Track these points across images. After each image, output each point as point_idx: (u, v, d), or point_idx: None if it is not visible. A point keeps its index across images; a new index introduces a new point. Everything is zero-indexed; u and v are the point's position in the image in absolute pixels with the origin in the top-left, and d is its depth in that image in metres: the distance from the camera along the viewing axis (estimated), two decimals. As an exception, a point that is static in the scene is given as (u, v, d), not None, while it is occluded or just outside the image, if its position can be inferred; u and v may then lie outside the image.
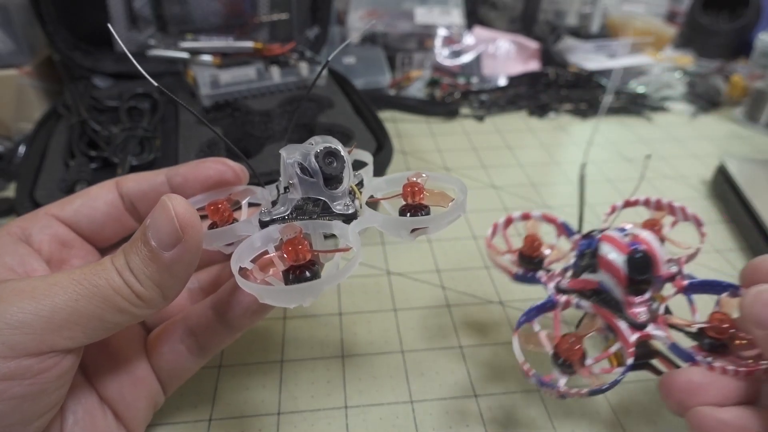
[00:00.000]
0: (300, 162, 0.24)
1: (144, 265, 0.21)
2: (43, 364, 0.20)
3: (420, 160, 0.57)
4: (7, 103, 0.55)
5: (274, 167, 0.44)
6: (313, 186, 0.24)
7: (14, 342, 0.19)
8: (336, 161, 0.24)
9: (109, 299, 0.21)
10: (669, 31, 0.85)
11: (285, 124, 0.54)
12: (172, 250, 0.21)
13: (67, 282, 0.20)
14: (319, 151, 0.24)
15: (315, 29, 0.64)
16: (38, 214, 0.26)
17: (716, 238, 0.47)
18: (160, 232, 0.21)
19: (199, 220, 0.22)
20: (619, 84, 0.74)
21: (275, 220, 0.25)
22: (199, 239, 0.22)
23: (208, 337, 0.27)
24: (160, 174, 0.28)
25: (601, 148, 0.61)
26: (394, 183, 0.28)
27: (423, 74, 0.73)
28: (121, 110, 0.50)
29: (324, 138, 0.25)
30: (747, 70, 0.74)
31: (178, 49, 0.54)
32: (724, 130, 0.66)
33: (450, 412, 0.32)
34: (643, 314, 0.27)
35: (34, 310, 0.19)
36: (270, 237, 0.24)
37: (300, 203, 0.25)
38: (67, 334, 0.20)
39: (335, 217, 0.24)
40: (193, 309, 0.27)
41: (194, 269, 0.23)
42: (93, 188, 0.28)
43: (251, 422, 0.31)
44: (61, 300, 0.20)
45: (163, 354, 0.27)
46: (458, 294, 0.40)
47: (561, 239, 0.34)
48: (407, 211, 0.26)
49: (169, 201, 0.21)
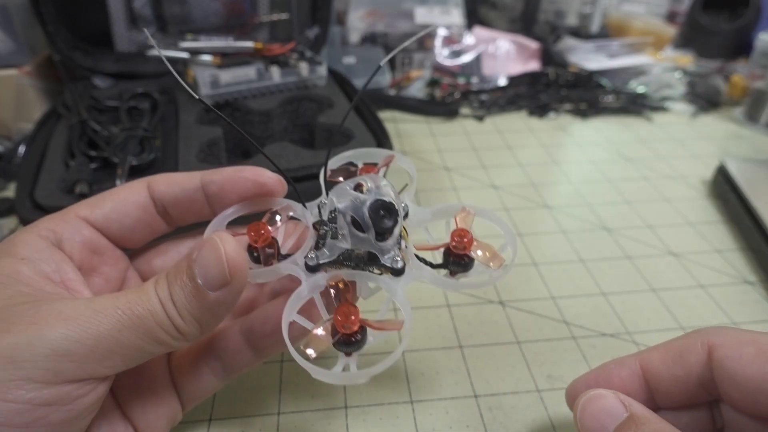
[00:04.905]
0: (352, 216, 0.23)
1: (187, 301, 0.21)
2: (81, 390, 0.20)
3: (420, 160, 0.57)
4: (7, 103, 0.55)
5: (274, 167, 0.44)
6: (364, 240, 0.24)
7: (57, 369, 0.19)
8: (389, 216, 0.23)
9: (150, 331, 0.21)
10: (669, 31, 0.85)
11: (285, 124, 0.54)
12: (218, 291, 0.21)
13: (111, 310, 0.20)
14: (373, 204, 0.23)
15: (315, 29, 0.64)
16: (68, 216, 0.25)
17: (716, 238, 0.47)
18: (208, 272, 0.21)
19: (246, 264, 0.22)
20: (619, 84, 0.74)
21: (321, 264, 0.24)
22: (245, 282, 0.22)
23: (235, 361, 0.27)
24: (195, 179, 0.27)
25: (601, 148, 0.61)
26: (441, 214, 0.27)
27: (423, 74, 0.73)
28: (121, 110, 0.50)
29: (375, 181, 0.24)
30: (747, 70, 0.74)
31: (178, 49, 0.54)
32: (724, 130, 0.66)
33: (450, 412, 0.32)
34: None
35: (79, 339, 0.19)
36: (317, 285, 0.24)
37: (347, 250, 0.24)
38: (108, 363, 0.20)
39: (382, 268, 0.24)
40: (222, 332, 0.27)
41: (235, 307, 0.23)
42: (123, 190, 0.27)
43: (251, 422, 0.31)
44: (105, 329, 0.20)
45: (186, 375, 0.26)
46: (458, 294, 0.40)
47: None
48: (451, 256, 0.25)
49: (220, 243, 0.21)
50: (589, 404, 0.24)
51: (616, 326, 0.38)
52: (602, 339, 0.37)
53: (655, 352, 0.26)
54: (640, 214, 0.50)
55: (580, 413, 0.24)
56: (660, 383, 0.25)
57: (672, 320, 0.39)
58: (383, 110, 0.67)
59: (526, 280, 0.42)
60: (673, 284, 0.42)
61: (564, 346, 0.36)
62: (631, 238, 0.47)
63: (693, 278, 0.43)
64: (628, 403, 0.23)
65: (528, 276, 0.42)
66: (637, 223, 0.49)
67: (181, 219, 0.28)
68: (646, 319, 0.39)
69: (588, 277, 0.42)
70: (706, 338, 0.25)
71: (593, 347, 0.36)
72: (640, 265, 0.44)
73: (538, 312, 0.39)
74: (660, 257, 0.45)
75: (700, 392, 0.25)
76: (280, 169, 0.26)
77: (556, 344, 0.37)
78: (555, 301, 0.40)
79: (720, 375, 0.24)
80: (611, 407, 0.23)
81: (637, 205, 0.52)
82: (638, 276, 0.43)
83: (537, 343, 0.37)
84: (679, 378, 0.25)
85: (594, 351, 0.36)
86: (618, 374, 0.26)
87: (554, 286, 0.41)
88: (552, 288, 0.41)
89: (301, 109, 0.55)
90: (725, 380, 0.23)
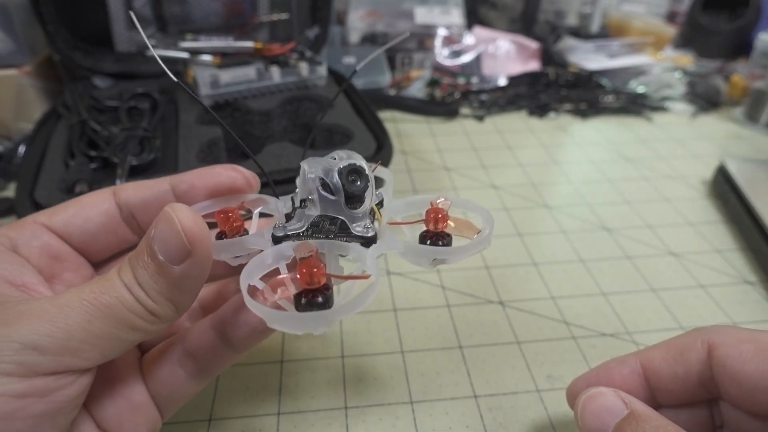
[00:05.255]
0: (322, 178, 0.23)
1: (153, 280, 0.20)
2: (60, 382, 0.19)
3: (420, 160, 0.57)
4: (7, 103, 0.55)
5: (274, 167, 0.44)
6: (334, 204, 0.23)
7: (31, 362, 0.19)
8: (360, 180, 0.23)
9: (122, 318, 0.20)
10: (669, 31, 0.85)
11: (285, 124, 0.54)
12: (182, 264, 0.20)
13: (77, 303, 0.20)
14: (343, 167, 0.23)
15: (315, 29, 0.64)
16: (25, 223, 0.24)
17: (716, 238, 0.47)
18: (167, 246, 0.20)
19: (207, 232, 0.21)
20: (619, 84, 0.74)
21: (289, 236, 0.24)
22: (209, 252, 0.21)
23: (209, 359, 0.25)
24: (164, 182, 0.26)
25: (601, 148, 0.61)
26: (415, 206, 0.27)
27: (423, 74, 0.73)
28: (121, 110, 0.50)
29: (348, 153, 0.24)
30: (747, 70, 0.74)
31: (178, 49, 0.54)
32: (724, 130, 0.66)
33: (450, 412, 0.32)
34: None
35: (49, 333, 0.19)
36: (283, 254, 0.23)
37: (317, 220, 0.24)
38: (84, 355, 0.20)
39: (353, 238, 0.23)
40: (192, 330, 0.26)
41: (206, 280, 0.22)
42: (87, 196, 0.26)
43: (251, 422, 0.31)
44: (74, 322, 0.19)
45: (160, 378, 0.25)
46: (458, 294, 0.40)
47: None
48: (428, 238, 0.25)
49: (173, 213, 0.20)
50: (589, 402, 0.24)
51: (616, 326, 0.38)
52: (602, 339, 0.37)
53: (655, 350, 0.26)
54: (640, 214, 0.50)
55: (580, 411, 0.24)
56: (660, 381, 0.25)
57: (672, 320, 0.39)
58: (383, 110, 0.67)
59: (526, 280, 0.42)
60: (673, 284, 0.42)
61: (564, 346, 0.36)
62: (631, 238, 0.47)
63: (693, 278, 0.43)
64: (628, 400, 0.23)
65: (528, 276, 0.42)
66: (637, 223, 0.49)
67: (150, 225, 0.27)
68: (646, 319, 0.39)
69: (588, 277, 0.42)
70: (706, 337, 0.25)
71: (593, 347, 0.36)
72: (640, 265, 0.44)
73: (538, 312, 0.39)
74: (660, 257, 0.45)
75: (700, 390, 0.25)
76: (257, 162, 0.26)
77: (556, 344, 0.37)
78: (555, 301, 0.40)
79: (720, 373, 0.24)
80: (612, 405, 0.23)
81: (637, 205, 0.52)
82: (638, 276, 0.43)
83: (537, 343, 0.37)
84: (679, 376, 0.25)
85: (594, 351, 0.36)
86: (619, 372, 0.26)
87: (554, 286, 0.41)
88: (552, 288, 0.41)
89: (301, 109, 0.55)
90: (725, 378, 0.23)
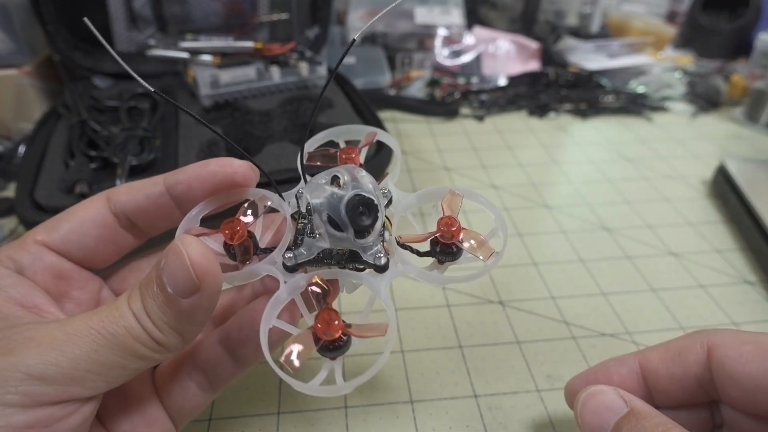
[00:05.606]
0: (329, 215, 0.22)
1: (161, 311, 0.20)
2: (64, 411, 0.19)
3: (420, 160, 0.57)
4: (7, 103, 0.55)
5: (274, 167, 0.44)
6: (343, 240, 0.22)
7: (35, 392, 0.18)
8: (369, 212, 0.22)
9: (129, 347, 0.20)
10: (669, 31, 0.85)
11: (285, 124, 0.54)
12: (190, 297, 0.20)
13: (85, 331, 0.19)
14: (349, 200, 0.22)
15: (315, 29, 0.64)
16: (26, 243, 0.24)
17: (716, 238, 0.47)
18: (175, 279, 0.20)
19: (217, 266, 0.21)
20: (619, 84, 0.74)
21: (301, 263, 0.23)
22: (218, 286, 0.21)
23: (218, 372, 0.25)
24: (158, 183, 0.25)
25: (601, 148, 0.61)
26: (427, 198, 0.26)
27: (423, 74, 0.73)
28: (121, 110, 0.50)
29: (350, 172, 0.22)
30: (747, 70, 0.74)
31: (178, 49, 0.54)
32: (724, 130, 0.66)
33: (450, 412, 0.32)
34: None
35: (55, 362, 0.19)
36: (297, 286, 0.23)
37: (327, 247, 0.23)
38: (89, 384, 0.20)
39: (365, 265, 0.23)
40: (201, 344, 0.26)
41: (213, 312, 0.22)
42: (80, 208, 0.25)
43: (251, 422, 0.31)
44: (81, 351, 0.19)
45: (172, 392, 0.25)
46: (458, 294, 0.40)
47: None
48: (437, 246, 0.24)
49: (182, 247, 0.20)
50: (589, 400, 0.24)
51: (616, 326, 0.38)
52: (602, 339, 0.37)
53: (654, 351, 0.26)
54: (640, 214, 0.50)
55: (580, 409, 0.24)
56: (658, 382, 0.25)
57: (672, 320, 0.39)
58: (383, 110, 0.67)
59: (526, 280, 0.42)
60: (673, 284, 0.42)
61: (564, 346, 0.36)
62: (631, 238, 0.47)
63: (693, 278, 0.43)
64: (628, 398, 0.23)
65: (528, 276, 0.42)
66: (637, 223, 0.49)
67: (151, 228, 0.26)
68: (646, 319, 0.39)
69: (588, 277, 0.42)
70: (706, 338, 0.25)
71: (593, 347, 0.36)
72: (640, 265, 0.44)
73: (538, 312, 0.39)
74: (660, 257, 0.45)
75: (699, 392, 0.25)
76: (249, 158, 0.25)
77: (556, 344, 0.37)
78: (555, 301, 0.40)
79: (719, 374, 0.24)
80: (611, 402, 0.23)
81: (637, 205, 0.52)
82: (638, 276, 0.43)
83: (537, 343, 0.37)
84: (677, 377, 0.25)
85: (594, 351, 0.36)
86: (617, 371, 0.26)
87: (554, 286, 0.41)
88: (552, 288, 0.41)
89: (301, 109, 0.55)
90: (725, 379, 0.23)
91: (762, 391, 0.22)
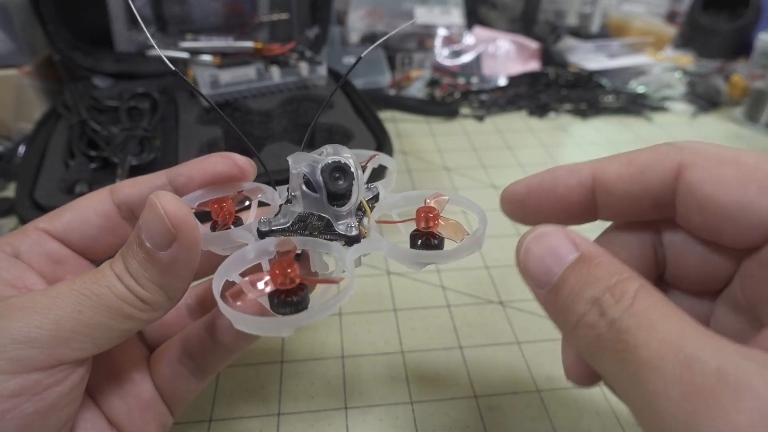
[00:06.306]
0: (306, 174, 0.22)
1: (143, 267, 0.21)
2: (53, 378, 0.19)
3: (420, 160, 0.57)
4: (7, 103, 0.55)
5: (274, 167, 0.44)
6: (317, 202, 0.23)
7: (22, 357, 0.19)
8: (343, 178, 0.22)
9: (113, 307, 0.20)
10: (669, 31, 0.85)
11: (285, 124, 0.54)
12: (168, 249, 0.20)
13: (68, 293, 0.20)
14: (326, 164, 0.22)
15: (315, 29, 0.64)
16: (27, 230, 0.25)
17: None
18: (152, 231, 0.20)
19: (192, 216, 0.21)
20: (619, 84, 0.75)
21: (274, 231, 0.23)
22: (196, 236, 0.21)
23: (206, 358, 0.26)
24: (160, 176, 0.26)
25: (601, 148, 0.61)
26: (413, 201, 0.26)
27: (423, 74, 0.73)
28: (121, 110, 0.50)
29: (336, 148, 0.23)
30: (747, 70, 0.74)
31: (178, 49, 0.54)
32: (724, 130, 0.66)
33: (450, 413, 0.32)
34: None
35: (39, 324, 0.19)
36: (265, 250, 0.23)
37: (304, 215, 0.24)
38: (76, 345, 0.20)
39: (336, 237, 0.23)
40: (190, 329, 0.27)
41: (197, 266, 0.22)
42: (84, 199, 0.26)
43: (251, 422, 0.31)
44: (65, 312, 0.19)
45: (165, 376, 0.26)
46: (458, 294, 0.40)
47: None
48: (419, 238, 0.24)
49: (157, 199, 0.20)
50: (533, 245, 0.20)
51: (616, 326, 0.38)
52: (602, 339, 0.37)
53: (614, 164, 0.22)
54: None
55: (523, 256, 0.20)
56: (609, 198, 0.22)
57: (672, 320, 0.39)
58: (383, 110, 0.67)
59: (526, 280, 0.42)
60: (673, 284, 0.42)
61: (564, 347, 0.36)
62: (631, 238, 0.47)
63: (693, 278, 0.43)
64: (578, 241, 0.20)
65: (528, 276, 0.42)
66: (637, 223, 0.49)
67: None
68: (646, 319, 0.39)
69: (588, 278, 0.42)
70: (679, 156, 0.21)
71: (593, 347, 0.36)
72: (640, 266, 0.44)
73: (538, 312, 0.39)
74: (660, 257, 0.45)
75: (649, 212, 0.22)
76: (254, 151, 0.26)
77: (556, 344, 0.37)
78: (555, 302, 0.40)
79: (686, 198, 0.21)
80: (559, 246, 0.20)
81: (637, 205, 0.52)
82: (638, 276, 0.43)
83: (537, 344, 0.37)
84: (634, 195, 0.22)
85: (594, 351, 0.36)
86: (565, 182, 0.23)
87: (554, 286, 0.41)
88: (552, 288, 0.41)
89: (301, 109, 0.55)
90: (691, 204, 0.20)
91: (731, 220, 0.19)
